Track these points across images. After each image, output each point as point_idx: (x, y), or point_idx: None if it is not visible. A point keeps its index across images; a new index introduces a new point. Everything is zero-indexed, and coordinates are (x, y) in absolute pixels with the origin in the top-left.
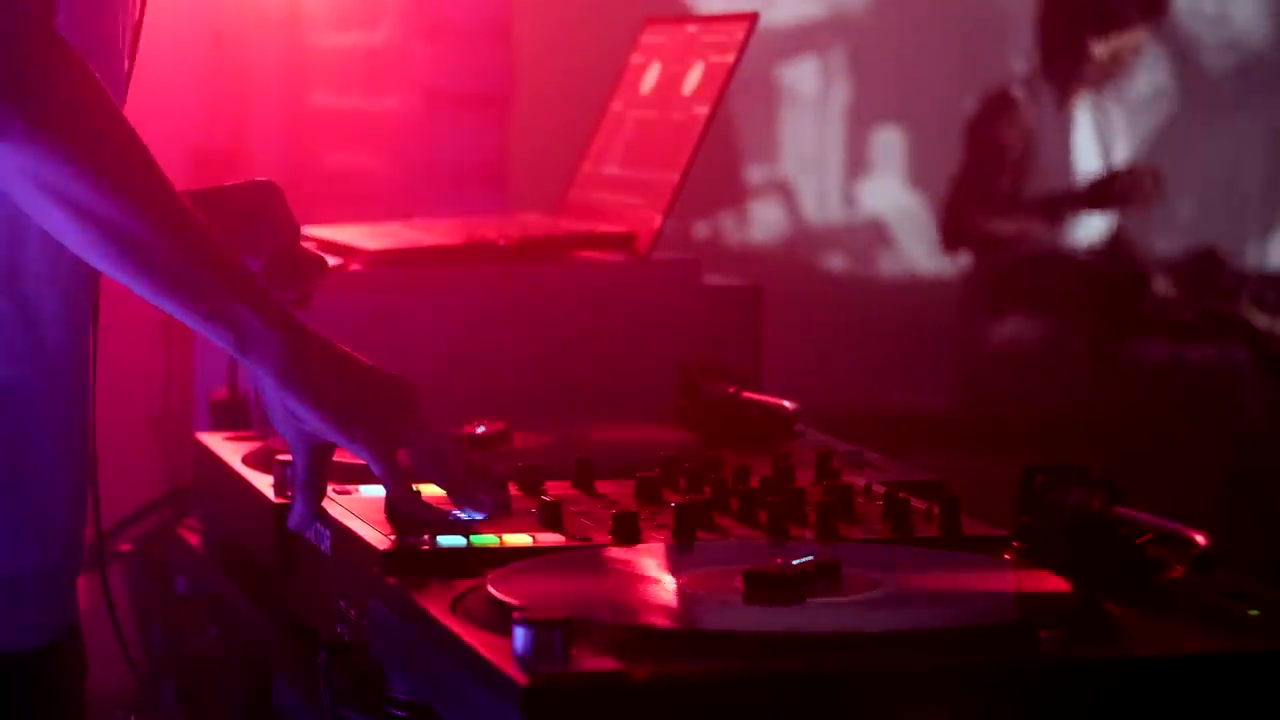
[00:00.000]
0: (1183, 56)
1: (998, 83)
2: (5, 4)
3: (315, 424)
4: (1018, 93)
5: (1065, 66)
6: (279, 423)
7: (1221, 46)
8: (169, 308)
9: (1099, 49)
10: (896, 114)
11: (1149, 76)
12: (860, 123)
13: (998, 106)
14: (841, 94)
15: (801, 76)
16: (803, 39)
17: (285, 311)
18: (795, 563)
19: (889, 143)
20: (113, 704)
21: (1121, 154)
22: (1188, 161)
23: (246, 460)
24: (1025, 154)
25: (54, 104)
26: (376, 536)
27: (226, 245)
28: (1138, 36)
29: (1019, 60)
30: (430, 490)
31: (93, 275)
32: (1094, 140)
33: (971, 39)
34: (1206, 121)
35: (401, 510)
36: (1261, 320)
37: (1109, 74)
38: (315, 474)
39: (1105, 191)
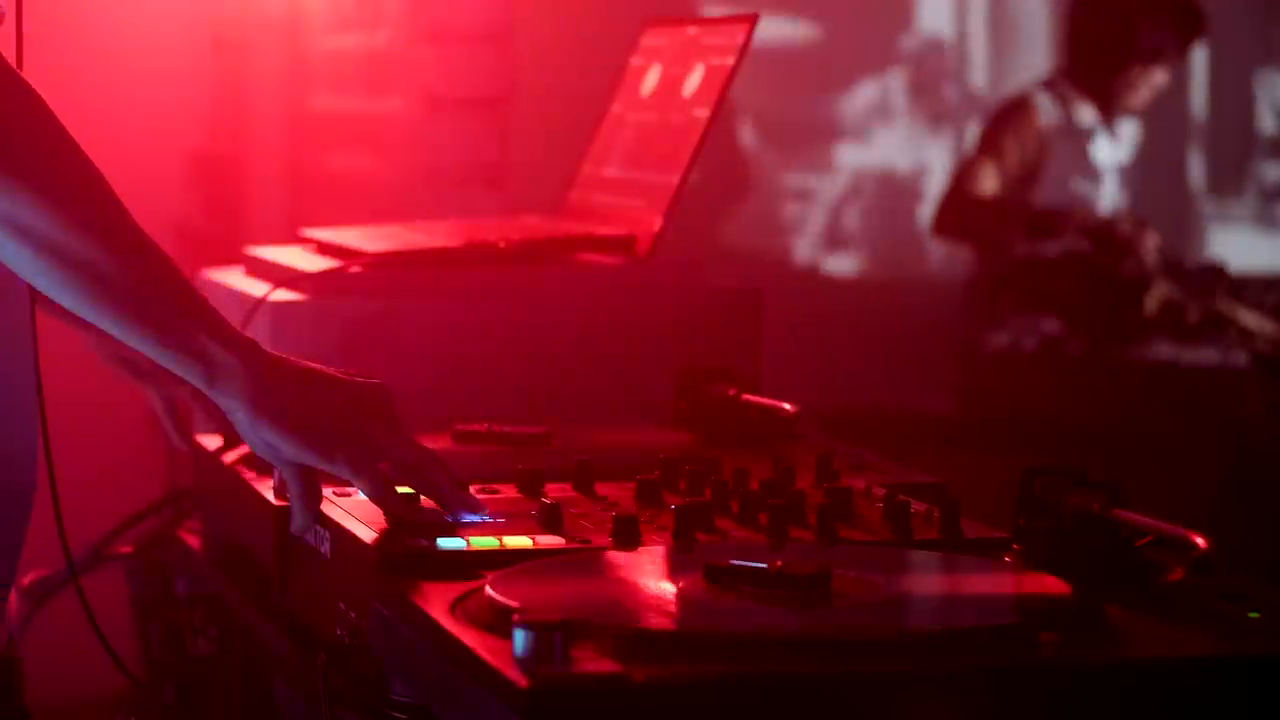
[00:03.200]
0: None
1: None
2: None
3: (293, 452)
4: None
5: (1087, 76)
6: (258, 450)
7: None
8: (133, 340)
9: (1132, 72)
10: None
11: None
12: None
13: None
14: None
15: None
16: None
17: (249, 341)
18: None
19: None
20: (113, 706)
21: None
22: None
23: (246, 462)
24: (1036, 158)
25: (3, 134)
26: (376, 539)
27: (186, 274)
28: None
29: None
30: None
31: (22, 290)
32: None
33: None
34: None
35: (398, 519)
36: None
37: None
38: (309, 486)
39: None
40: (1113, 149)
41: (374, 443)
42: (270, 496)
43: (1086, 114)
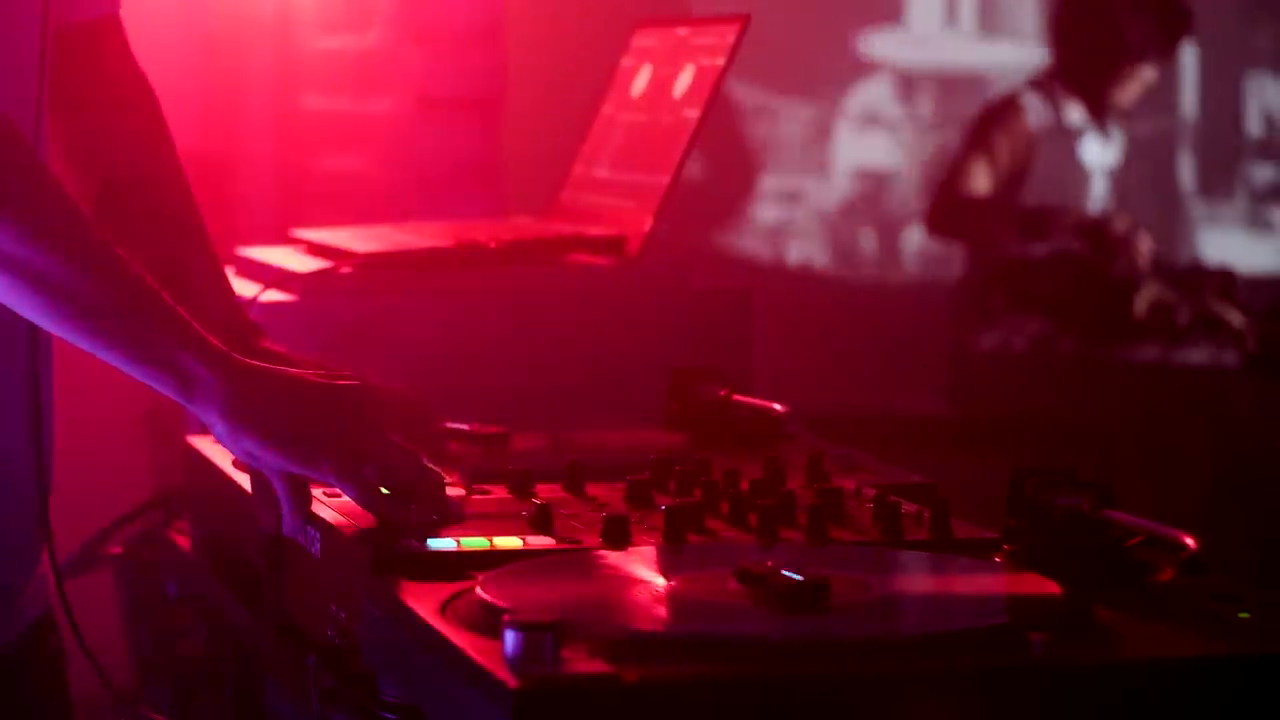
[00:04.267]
0: None
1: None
2: None
3: (275, 461)
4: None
5: (1076, 75)
6: (242, 459)
7: None
8: (107, 356)
9: (1121, 72)
10: None
11: None
12: None
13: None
14: None
15: None
16: None
17: (225, 353)
18: (785, 573)
19: None
20: (107, 706)
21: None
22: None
23: (237, 464)
24: (1025, 158)
25: None
26: (366, 539)
27: (161, 289)
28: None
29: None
30: None
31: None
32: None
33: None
34: None
35: (386, 521)
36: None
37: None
38: (297, 491)
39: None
40: (1102, 149)
41: (357, 447)
42: None
43: (1075, 114)
